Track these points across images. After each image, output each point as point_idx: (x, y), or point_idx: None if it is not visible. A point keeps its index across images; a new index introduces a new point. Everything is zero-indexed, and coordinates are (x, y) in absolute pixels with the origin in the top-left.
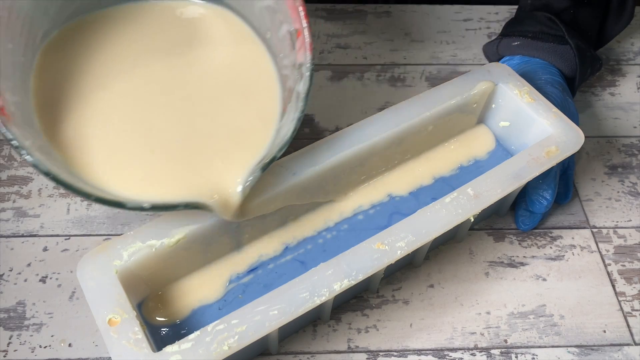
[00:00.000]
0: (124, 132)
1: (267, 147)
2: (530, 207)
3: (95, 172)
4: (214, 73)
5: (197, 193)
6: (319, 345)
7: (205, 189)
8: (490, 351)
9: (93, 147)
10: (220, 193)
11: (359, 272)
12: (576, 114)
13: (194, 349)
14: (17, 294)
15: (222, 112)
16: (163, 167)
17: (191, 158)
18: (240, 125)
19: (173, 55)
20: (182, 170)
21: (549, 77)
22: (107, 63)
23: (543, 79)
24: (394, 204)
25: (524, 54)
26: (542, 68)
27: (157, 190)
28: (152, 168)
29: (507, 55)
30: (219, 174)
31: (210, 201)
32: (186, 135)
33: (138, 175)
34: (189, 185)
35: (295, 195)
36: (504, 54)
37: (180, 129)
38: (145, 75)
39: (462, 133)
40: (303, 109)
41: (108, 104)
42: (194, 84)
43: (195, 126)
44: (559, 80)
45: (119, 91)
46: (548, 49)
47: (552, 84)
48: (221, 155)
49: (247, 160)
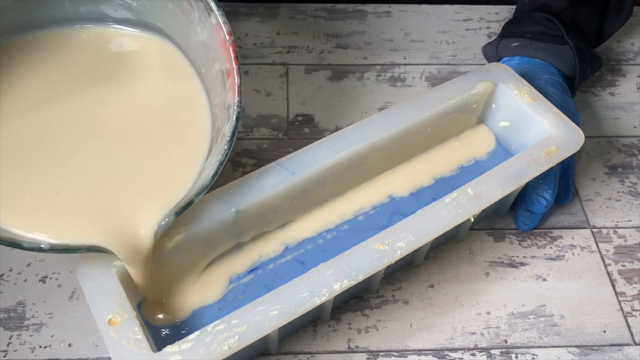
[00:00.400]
0: (30, 168)
1: (185, 190)
2: (530, 207)
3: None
4: (143, 108)
5: (102, 236)
6: (319, 345)
7: (112, 232)
8: (490, 351)
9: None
10: (129, 237)
11: (359, 272)
12: (576, 114)
13: (194, 349)
14: (17, 294)
15: (145, 151)
16: (67, 207)
17: (101, 199)
18: (162, 165)
19: (100, 88)
20: (89, 212)
21: (548, 77)
22: (23, 91)
23: (543, 79)
24: (395, 204)
25: (524, 54)
26: (542, 68)
27: (59, 231)
28: (55, 208)
29: (507, 56)
30: (129, 217)
31: (116, 245)
32: (101, 175)
33: (40, 214)
34: (95, 227)
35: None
36: (503, 55)
37: (94, 168)
38: (65, 107)
39: (462, 133)
40: (227, 152)
41: (17, 135)
42: (118, 120)
43: (112, 166)
44: (558, 81)
45: (32, 123)
46: (547, 49)
47: (552, 84)
48: (135, 198)
49: (163, 202)
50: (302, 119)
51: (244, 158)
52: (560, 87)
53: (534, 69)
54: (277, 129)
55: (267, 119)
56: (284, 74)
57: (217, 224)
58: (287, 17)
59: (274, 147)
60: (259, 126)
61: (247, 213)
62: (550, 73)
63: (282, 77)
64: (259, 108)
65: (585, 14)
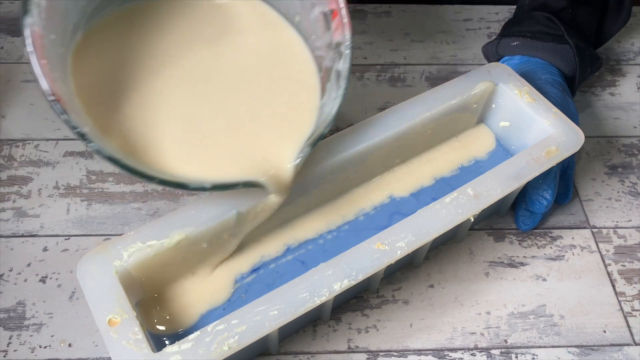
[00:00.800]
0: (178, 119)
1: (312, 126)
2: (531, 207)
3: (153, 157)
4: (254, 56)
5: (252, 172)
6: (319, 345)
7: (259, 168)
8: (490, 351)
9: (149, 134)
10: (274, 171)
11: (359, 272)
12: (576, 113)
13: (194, 349)
14: (17, 294)
15: (267, 95)
16: (218, 150)
17: (243, 140)
18: (286, 106)
19: (209, 44)
20: (237, 152)
21: (548, 77)
22: (148, 54)
23: (543, 78)
24: (395, 205)
25: (524, 53)
26: (542, 68)
27: (214, 171)
28: (208, 151)
29: (507, 56)
30: (271, 154)
31: (265, 179)
32: (238, 120)
33: (196, 158)
34: (245, 165)
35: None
36: (503, 54)
37: (228, 115)
38: (189, 63)
39: (462, 133)
40: (346, 86)
41: (159, 91)
42: (234, 71)
43: (241, 111)
44: (558, 80)
45: (168, 79)
46: (547, 48)
47: (552, 84)
48: (273, 137)
49: (295, 139)
50: None
51: None
52: (560, 87)
53: (534, 69)
54: None
55: None
56: None
57: (218, 225)
58: None
59: None
60: None
61: (248, 214)
62: (550, 73)
63: None
64: None
65: (584, 14)
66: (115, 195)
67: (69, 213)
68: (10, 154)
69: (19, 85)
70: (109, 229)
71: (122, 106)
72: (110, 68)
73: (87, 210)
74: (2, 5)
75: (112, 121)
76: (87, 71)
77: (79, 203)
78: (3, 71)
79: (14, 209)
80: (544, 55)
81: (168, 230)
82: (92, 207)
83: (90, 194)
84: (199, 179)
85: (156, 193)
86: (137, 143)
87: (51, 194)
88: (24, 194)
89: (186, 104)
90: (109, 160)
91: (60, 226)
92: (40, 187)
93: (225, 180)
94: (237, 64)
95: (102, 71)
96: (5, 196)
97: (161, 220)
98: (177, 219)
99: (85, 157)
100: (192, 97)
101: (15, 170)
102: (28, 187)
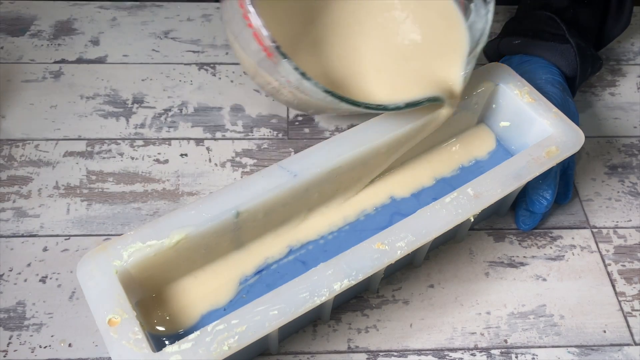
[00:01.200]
0: (361, 57)
1: (467, 43)
2: (531, 207)
3: (352, 90)
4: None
5: (431, 90)
6: (319, 345)
7: (435, 86)
8: (490, 351)
9: (347, 71)
10: (448, 84)
11: (359, 272)
12: (576, 113)
13: (194, 349)
14: (17, 294)
15: (420, 26)
16: (401, 78)
17: (417, 67)
18: (440, 30)
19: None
20: (415, 76)
21: (549, 76)
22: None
23: (543, 78)
24: (396, 205)
25: (525, 52)
26: (543, 67)
27: (402, 94)
28: (394, 80)
29: (508, 54)
30: (442, 72)
31: (442, 93)
32: (404, 50)
33: (387, 86)
34: (423, 85)
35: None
36: (504, 52)
37: (397, 47)
38: (358, 8)
39: (462, 133)
40: (494, 2)
41: (348, 38)
42: (388, 7)
43: (407, 42)
44: (559, 80)
45: (348, 27)
46: (549, 47)
47: (552, 84)
48: (440, 59)
49: (457, 57)
50: (302, 119)
51: (244, 158)
52: (560, 87)
53: (534, 68)
54: (277, 129)
55: (267, 119)
56: None
57: (218, 225)
58: None
59: (274, 147)
60: (259, 126)
61: (248, 214)
62: (550, 72)
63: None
64: (259, 108)
65: (586, 15)
66: (115, 195)
67: (69, 213)
68: (10, 154)
69: (19, 85)
70: (109, 229)
71: (320, 50)
72: (292, 14)
73: (87, 210)
74: (2, 5)
75: (309, 62)
76: (271, 15)
77: (79, 203)
78: (3, 71)
79: (14, 209)
80: (545, 54)
81: (168, 230)
82: (92, 207)
83: (90, 194)
84: (394, 102)
85: (156, 193)
86: (336, 79)
87: (51, 194)
88: (24, 194)
89: (365, 42)
90: (326, 94)
91: (60, 226)
92: (40, 187)
93: (412, 99)
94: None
95: (286, 15)
96: (5, 196)
97: (161, 220)
98: (176, 218)
99: (85, 157)
100: (365, 34)
101: (15, 170)
102: (28, 187)
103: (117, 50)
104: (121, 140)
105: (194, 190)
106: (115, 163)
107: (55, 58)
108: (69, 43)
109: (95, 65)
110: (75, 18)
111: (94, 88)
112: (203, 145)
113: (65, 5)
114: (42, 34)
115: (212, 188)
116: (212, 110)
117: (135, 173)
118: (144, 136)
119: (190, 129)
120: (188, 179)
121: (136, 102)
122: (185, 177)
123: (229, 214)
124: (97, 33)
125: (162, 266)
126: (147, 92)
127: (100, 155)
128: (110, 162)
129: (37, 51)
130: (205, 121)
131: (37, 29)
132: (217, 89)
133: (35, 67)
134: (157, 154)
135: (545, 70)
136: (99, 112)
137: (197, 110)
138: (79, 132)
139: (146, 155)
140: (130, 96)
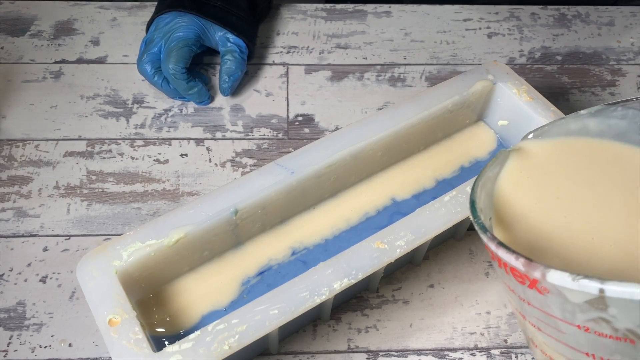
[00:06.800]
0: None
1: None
2: None
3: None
4: None
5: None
6: (319, 345)
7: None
8: (490, 351)
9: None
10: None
11: (358, 271)
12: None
13: (195, 349)
14: (17, 294)
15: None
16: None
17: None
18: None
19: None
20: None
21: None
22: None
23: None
24: (397, 207)
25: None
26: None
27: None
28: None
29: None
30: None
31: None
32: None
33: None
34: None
35: None
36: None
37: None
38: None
39: (462, 133)
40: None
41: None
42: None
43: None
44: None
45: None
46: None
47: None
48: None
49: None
50: (302, 119)
51: (244, 158)
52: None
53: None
54: (277, 129)
55: (267, 119)
56: (284, 74)
57: (217, 223)
58: (287, 17)
59: (274, 147)
60: (259, 126)
61: (246, 212)
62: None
63: (282, 77)
64: (259, 108)
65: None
66: (115, 195)
67: (69, 213)
68: (11, 154)
69: (19, 85)
70: (109, 229)
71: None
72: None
73: (87, 210)
74: (2, 5)
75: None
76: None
77: (79, 203)
78: (3, 71)
79: (14, 209)
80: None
81: (167, 230)
82: (92, 207)
83: (90, 194)
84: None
85: (156, 193)
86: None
87: (51, 194)
88: (24, 194)
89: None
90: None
91: (60, 226)
92: (40, 187)
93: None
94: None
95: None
96: (5, 196)
97: (160, 220)
98: (175, 218)
99: (85, 157)
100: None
101: (16, 170)
102: (28, 187)
103: (117, 50)
104: (121, 140)
105: (194, 190)
106: (116, 163)
107: (56, 58)
108: (69, 43)
109: (95, 65)
110: (76, 18)
111: (94, 88)
112: (203, 145)
113: (66, 6)
114: (42, 34)
115: (212, 188)
116: (212, 110)
117: (136, 173)
118: (144, 136)
119: (191, 129)
120: (188, 179)
121: (136, 102)
122: (185, 177)
123: (228, 212)
124: (97, 33)
125: (162, 265)
126: (147, 92)
127: (100, 155)
128: (110, 162)
129: (38, 51)
130: (205, 121)
131: (37, 29)
132: (217, 88)
133: (36, 67)
134: (157, 154)
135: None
136: (99, 112)
137: (197, 110)
138: (79, 132)
139: (146, 155)
140: (130, 96)
